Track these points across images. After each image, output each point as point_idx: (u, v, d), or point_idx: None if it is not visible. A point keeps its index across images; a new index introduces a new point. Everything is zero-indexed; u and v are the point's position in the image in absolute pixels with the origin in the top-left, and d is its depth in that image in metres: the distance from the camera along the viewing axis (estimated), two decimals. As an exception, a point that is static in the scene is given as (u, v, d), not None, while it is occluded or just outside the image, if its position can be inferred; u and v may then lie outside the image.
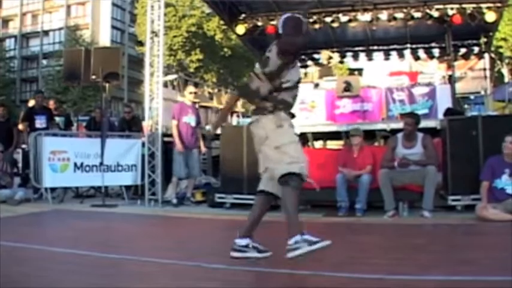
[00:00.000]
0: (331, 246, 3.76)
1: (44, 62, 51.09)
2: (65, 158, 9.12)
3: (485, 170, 6.43)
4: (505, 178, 6.26)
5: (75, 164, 9.21)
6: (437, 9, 11.92)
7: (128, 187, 9.68)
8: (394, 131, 8.22)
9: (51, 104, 11.10)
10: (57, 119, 10.59)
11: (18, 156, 10.85)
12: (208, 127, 4.59)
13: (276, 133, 4.04)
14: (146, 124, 9.77)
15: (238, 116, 26.55)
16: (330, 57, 14.63)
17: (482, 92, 16.60)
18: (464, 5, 11.72)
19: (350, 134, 7.86)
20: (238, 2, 12.63)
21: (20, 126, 10.15)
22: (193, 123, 8.93)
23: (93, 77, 9.33)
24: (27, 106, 11.77)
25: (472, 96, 18.20)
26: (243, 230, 4.03)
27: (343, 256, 4.35)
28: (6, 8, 55.84)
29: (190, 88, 9.64)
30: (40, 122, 9.94)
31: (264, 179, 4.16)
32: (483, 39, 14.20)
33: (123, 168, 9.53)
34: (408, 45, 15.33)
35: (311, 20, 12.66)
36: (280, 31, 4.12)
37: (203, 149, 9.47)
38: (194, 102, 9.48)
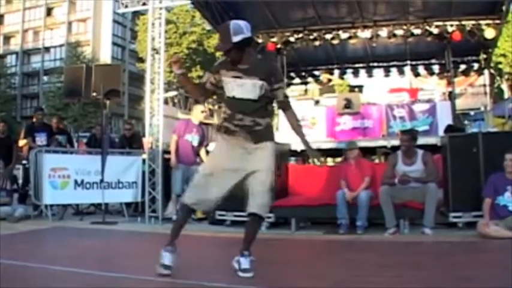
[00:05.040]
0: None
1: (45, 78, 51.32)
2: (65, 175, 9.11)
3: (488, 187, 6.42)
4: (507, 195, 6.24)
5: (76, 181, 9.19)
6: (436, 26, 11.97)
7: (128, 204, 9.66)
8: (395, 148, 8.23)
9: (54, 122, 11.11)
10: (59, 137, 10.58)
11: (19, 172, 10.83)
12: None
13: None
14: (147, 141, 9.77)
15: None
16: (330, 80, 14.69)
17: (482, 108, 16.61)
18: (463, 22, 11.76)
19: (346, 149, 7.88)
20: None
21: (23, 142, 10.17)
22: (195, 143, 8.81)
23: (94, 93, 9.34)
24: (28, 122, 11.78)
25: (471, 113, 18.20)
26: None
27: (343, 274, 4.33)
28: (8, 24, 56.14)
29: (201, 107, 9.35)
30: (40, 139, 9.96)
31: None
32: (483, 56, 14.25)
33: (123, 185, 9.51)
34: (408, 62, 15.38)
35: (311, 37, 12.71)
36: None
37: None
38: (203, 123, 9.31)
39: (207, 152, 8.92)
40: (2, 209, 8.78)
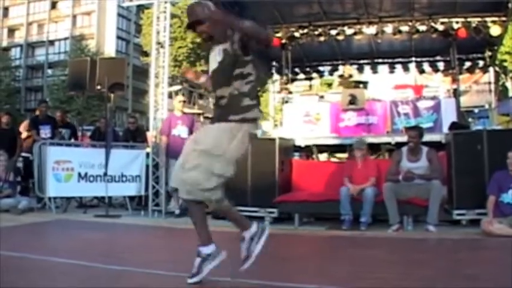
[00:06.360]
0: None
1: (49, 71, 51.25)
2: (69, 167, 9.14)
3: (492, 184, 6.41)
4: (511, 193, 6.23)
5: (79, 174, 9.22)
6: (442, 23, 11.94)
7: (131, 198, 9.67)
8: (399, 144, 8.22)
9: (59, 115, 11.11)
10: (63, 130, 10.58)
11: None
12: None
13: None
14: (151, 135, 9.77)
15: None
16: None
17: (487, 106, 16.56)
18: (469, 19, 11.73)
19: (354, 147, 7.87)
20: (242, 13, 12.64)
21: (25, 134, 10.20)
22: (184, 135, 8.73)
23: (98, 87, 9.34)
24: (32, 115, 11.79)
25: (476, 110, 18.16)
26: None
27: (346, 270, 4.32)
28: (12, 17, 56.19)
29: (179, 97, 9.48)
30: (45, 132, 9.97)
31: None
32: (488, 53, 14.22)
33: (127, 178, 9.52)
34: (413, 59, 15.37)
35: (316, 33, 12.69)
36: None
37: None
38: (185, 113, 9.34)
39: None
40: (5, 201, 8.80)
